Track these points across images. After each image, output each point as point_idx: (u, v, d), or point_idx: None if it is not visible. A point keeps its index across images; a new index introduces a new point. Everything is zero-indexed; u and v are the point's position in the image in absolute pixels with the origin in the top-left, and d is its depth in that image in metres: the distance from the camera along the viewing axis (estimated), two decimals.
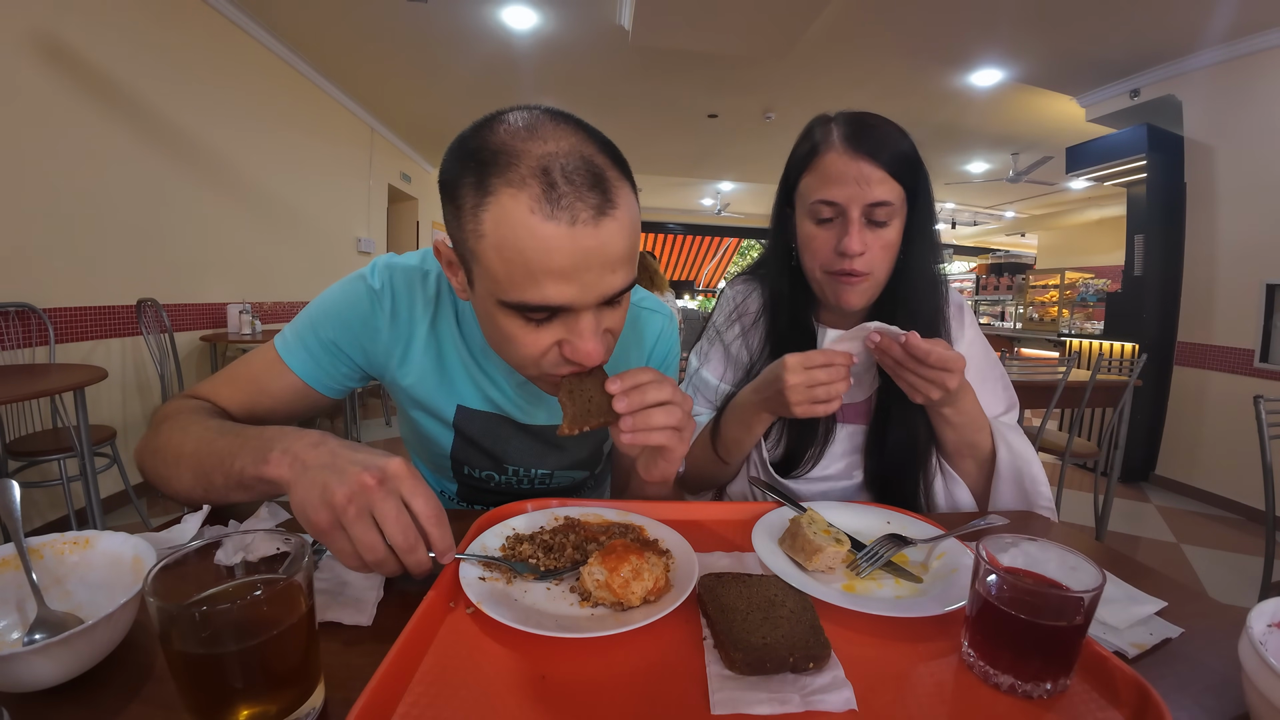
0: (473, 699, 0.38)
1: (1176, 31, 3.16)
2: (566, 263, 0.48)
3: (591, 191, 0.48)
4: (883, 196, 0.72)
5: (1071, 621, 0.39)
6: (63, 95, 2.37)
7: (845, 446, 0.85)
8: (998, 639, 0.40)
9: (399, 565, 0.46)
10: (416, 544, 0.46)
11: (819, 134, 0.77)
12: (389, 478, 0.46)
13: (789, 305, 0.86)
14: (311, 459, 0.48)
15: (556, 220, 0.47)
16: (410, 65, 4.09)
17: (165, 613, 0.32)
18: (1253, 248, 3.20)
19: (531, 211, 0.47)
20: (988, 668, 0.41)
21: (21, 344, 2.24)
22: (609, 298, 0.53)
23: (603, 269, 0.50)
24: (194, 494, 0.59)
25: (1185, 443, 3.53)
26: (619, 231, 0.50)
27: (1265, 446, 1.67)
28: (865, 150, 0.72)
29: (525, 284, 0.49)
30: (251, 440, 0.53)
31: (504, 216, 0.48)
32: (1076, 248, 9.22)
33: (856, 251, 0.73)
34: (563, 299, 0.50)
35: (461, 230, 0.52)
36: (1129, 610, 0.50)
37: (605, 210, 0.49)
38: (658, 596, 0.48)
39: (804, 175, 0.77)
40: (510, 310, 0.52)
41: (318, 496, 0.44)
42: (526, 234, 0.47)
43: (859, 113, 0.77)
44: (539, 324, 0.53)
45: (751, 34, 3.25)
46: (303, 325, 0.70)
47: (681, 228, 11.12)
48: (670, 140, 6.00)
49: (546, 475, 0.82)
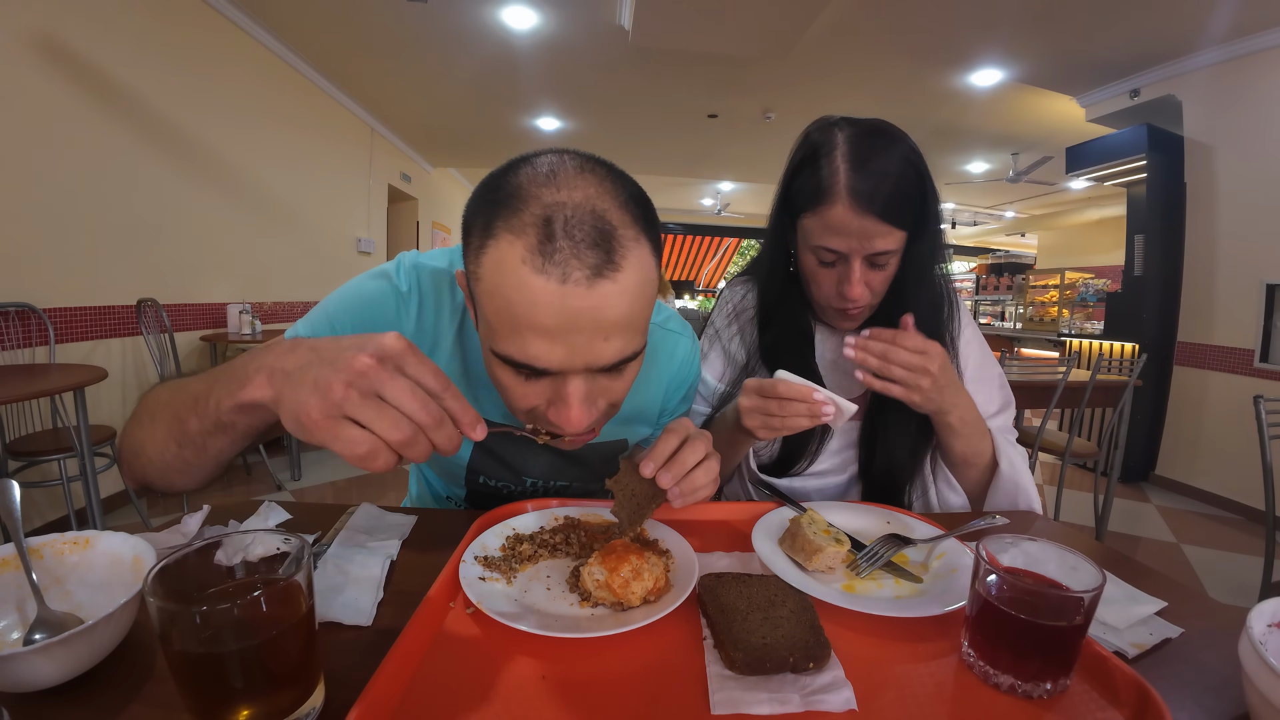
0: (473, 699, 0.38)
1: (1176, 31, 3.16)
2: (552, 322, 0.45)
3: (592, 250, 0.44)
4: (885, 247, 0.71)
5: (1071, 621, 0.39)
6: (63, 95, 2.37)
7: (840, 442, 0.85)
8: (998, 639, 0.40)
9: (428, 445, 0.40)
10: (443, 417, 0.40)
11: (825, 169, 0.71)
12: (389, 355, 0.40)
13: (787, 306, 0.86)
14: (292, 363, 0.41)
15: (546, 275, 0.44)
16: (410, 65, 4.09)
17: (165, 613, 0.32)
18: (1253, 248, 3.20)
19: (523, 262, 0.44)
20: (988, 668, 0.41)
21: (21, 344, 2.24)
22: (600, 367, 0.49)
23: (594, 334, 0.46)
24: (167, 450, 0.50)
25: (1185, 443, 3.53)
26: (618, 296, 0.46)
27: (1265, 446, 1.67)
28: (874, 210, 0.69)
29: (511, 337, 0.47)
30: (222, 372, 0.46)
31: (499, 263, 0.45)
32: (1076, 248, 9.22)
33: (857, 298, 0.74)
34: (545, 361, 0.47)
35: (467, 269, 0.50)
36: (1129, 610, 0.50)
37: (603, 272, 0.45)
38: (658, 596, 0.48)
39: (807, 214, 0.74)
40: (501, 360, 0.50)
41: (312, 396, 0.38)
42: (516, 285, 0.45)
43: (868, 142, 0.71)
44: (527, 378, 0.50)
45: (751, 34, 3.25)
46: (318, 320, 0.65)
47: (681, 228, 11.12)
48: (670, 140, 6.00)
49: (565, 486, 0.81)
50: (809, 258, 0.77)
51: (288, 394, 0.40)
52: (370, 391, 0.38)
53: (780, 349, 0.85)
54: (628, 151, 6.53)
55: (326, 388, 0.38)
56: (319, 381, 0.38)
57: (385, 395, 0.39)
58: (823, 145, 0.73)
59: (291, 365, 0.41)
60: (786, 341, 0.85)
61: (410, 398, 0.39)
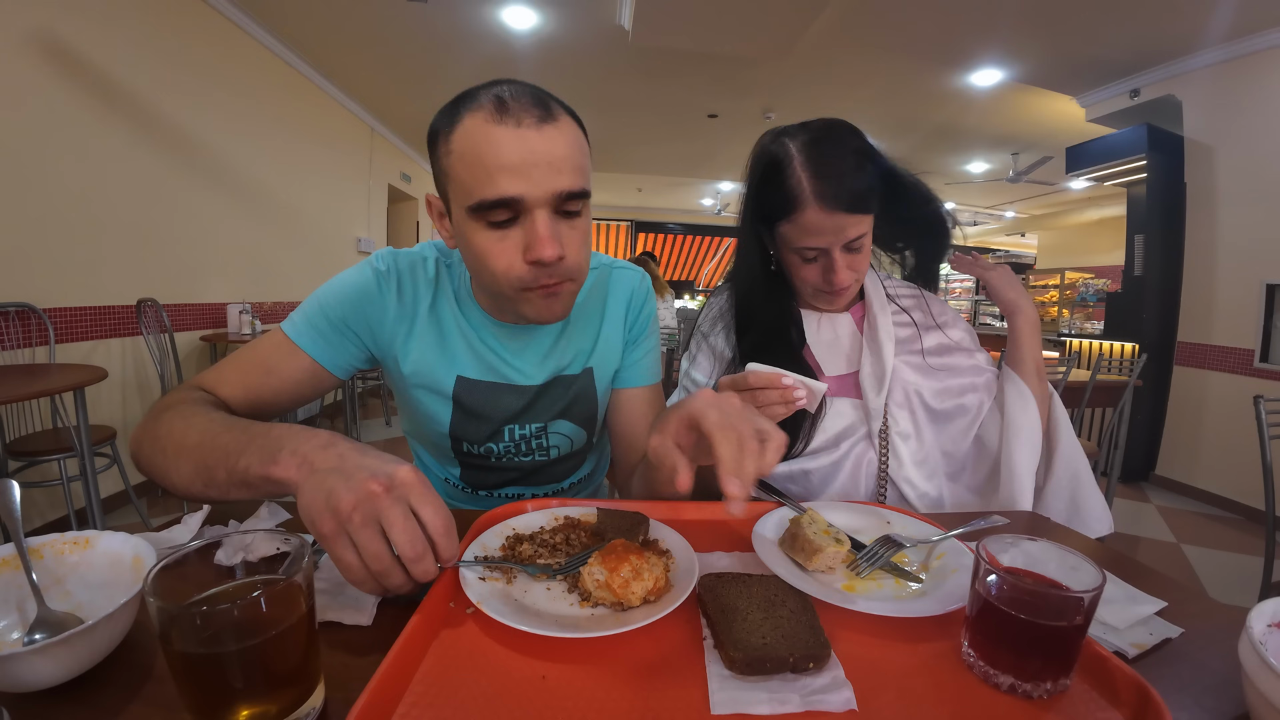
0: (473, 699, 0.38)
1: (1176, 32, 3.16)
2: (515, 158, 0.58)
3: (535, 106, 0.60)
4: (858, 232, 0.78)
5: (1072, 621, 0.39)
6: (63, 95, 2.37)
7: (835, 424, 0.85)
8: (998, 639, 0.40)
9: (405, 577, 0.44)
10: (425, 553, 0.44)
11: (790, 182, 0.77)
12: (397, 485, 0.45)
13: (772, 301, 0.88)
14: (320, 461, 0.47)
15: (505, 124, 0.58)
16: (410, 65, 4.09)
17: (165, 613, 0.32)
18: (1253, 248, 3.19)
19: (485, 121, 0.59)
20: (988, 668, 0.41)
21: (21, 344, 2.24)
22: (558, 196, 0.60)
23: (549, 168, 0.59)
24: (192, 488, 0.57)
25: (1185, 443, 3.53)
26: (561, 137, 0.60)
27: (1265, 446, 1.67)
28: (841, 206, 0.75)
29: (484, 182, 0.59)
30: (259, 438, 0.52)
31: (467, 131, 0.59)
32: (1076, 248, 9.21)
33: (844, 285, 0.81)
34: (514, 190, 0.58)
35: (439, 164, 0.63)
36: (1129, 610, 0.50)
37: (547, 120, 0.60)
38: (658, 596, 0.48)
39: (782, 222, 0.80)
40: (478, 221, 0.61)
41: (323, 502, 0.43)
42: (483, 138, 0.58)
43: (820, 149, 0.76)
44: (502, 230, 0.61)
45: (751, 34, 3.25)
46: (311, 309, 0.74)
47: (681, 228, 11.11)
48: (670, 140, 5.99)
49: (540, 430, 0.83)
50: (791, 257, 0.83)
51: (307, 491, 0.45)
52: (372, 516, 0.43)
53: (769, 340, 0.87)
54: (628, 151, 6.54)
55: (337, 503, 0.43)
56: (333, 494, 0.43)
57: (382, 520, 0.43)
58: (781, 157, 0.78)
59: (321, 463, 0.47)
60: (775, 333, 0.88)
61: (401, 529, 0.43)
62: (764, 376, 0.66)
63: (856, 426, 0.85)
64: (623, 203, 10.11)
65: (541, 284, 0.64)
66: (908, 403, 0.86)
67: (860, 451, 0.84)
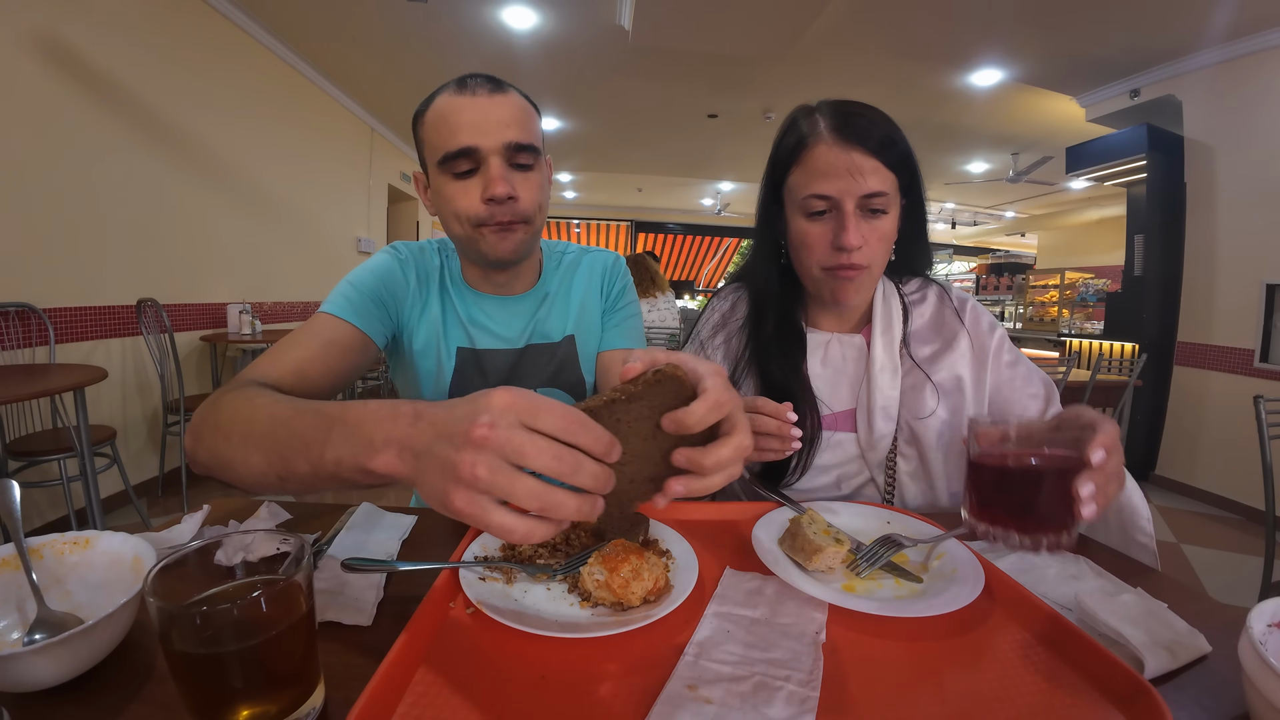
0: (473, 699, 0.38)
1: (1176, 31, 3.16)
2: (473, 118, 0.72)
3: (488, 83, 0.75)
4: (877, 187, 0.71)
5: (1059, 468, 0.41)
6: (63, 95, 2.37)
7: (834, 457, 0.82)
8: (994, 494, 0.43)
9: (577, 500, 0.37)
10: (578, 460, 0.36)
11: (805, 125, 0.76)
12: (499, 414, 0.36)
13: (778, 305, 0.85)
14: (418, 441, 0.40)
15: (463, 95, 0.73)
16: (410, 65, 4.09)
17: (165, 613, 0.32)
18: (1253, 248, 3.19)
19: (449, 94, 0.74)
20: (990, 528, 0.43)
21: (21, 344, 2.24)
22: (508, 146, 0.73)
23: (499, 123, 0.73)
24: (265, 480, 0.51)
25: (1185, 443, 3.53)
26: (509, 103, 0.75)
27: (1265, 446, 1.67)
28: (855, 139, 0.71)
29: (447, 138, 0.72)
30: (338, 423, 0.45)
31: (435, 106, 0.75)
32: (1076, 248, 9.21)
33: (855, 245, 0.72)
34: (471, 141, 0.72)
35: (418, 138, 0.78)
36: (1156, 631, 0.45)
37: (498, 91, 0.75)
38: (658, 596, 0.48)
39: (792, 170, 0.76)
40: (446, 174, 0.74)
41: (446, 482, 0.36)
42: (446, 105, 0.74)
43: (843, 100, 0.76)
44: (465, 180, 0.74)
45: (751, 34, 3.25)
46: (346, 290, 0.81)
47: (681, 228, 11.10)
48: (670, 140, 5.99)
49: None
50: (799, 221, 0.76)
51: (423, 477, 0.38)
52: (498, 461, 0.36)
53: (772, 350, 0.83)
54: (628, 151, 6.53)
55: (454, 469, 0.36)
56: (446, 464, 0.36)
57: (511, 458, 0.36)
58: (801, 114, 0.79)
59: (419, 443, 0.40)
60: (778, 342, 0.84)
61: (536, 452, 0.36)
62: (774, 406, 0.65)
63: (855, 461, 0.81)
64: (623, 203, 10.11)
65: (497, 220, 0.75)
66: (914, 440, 0.80)
67: (860, 484, 0.82)
